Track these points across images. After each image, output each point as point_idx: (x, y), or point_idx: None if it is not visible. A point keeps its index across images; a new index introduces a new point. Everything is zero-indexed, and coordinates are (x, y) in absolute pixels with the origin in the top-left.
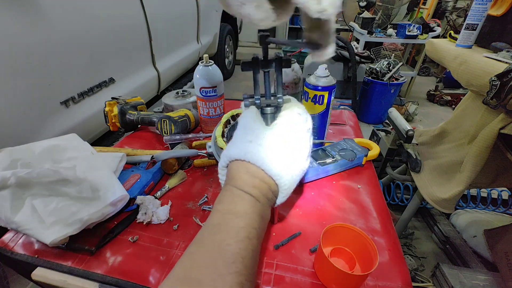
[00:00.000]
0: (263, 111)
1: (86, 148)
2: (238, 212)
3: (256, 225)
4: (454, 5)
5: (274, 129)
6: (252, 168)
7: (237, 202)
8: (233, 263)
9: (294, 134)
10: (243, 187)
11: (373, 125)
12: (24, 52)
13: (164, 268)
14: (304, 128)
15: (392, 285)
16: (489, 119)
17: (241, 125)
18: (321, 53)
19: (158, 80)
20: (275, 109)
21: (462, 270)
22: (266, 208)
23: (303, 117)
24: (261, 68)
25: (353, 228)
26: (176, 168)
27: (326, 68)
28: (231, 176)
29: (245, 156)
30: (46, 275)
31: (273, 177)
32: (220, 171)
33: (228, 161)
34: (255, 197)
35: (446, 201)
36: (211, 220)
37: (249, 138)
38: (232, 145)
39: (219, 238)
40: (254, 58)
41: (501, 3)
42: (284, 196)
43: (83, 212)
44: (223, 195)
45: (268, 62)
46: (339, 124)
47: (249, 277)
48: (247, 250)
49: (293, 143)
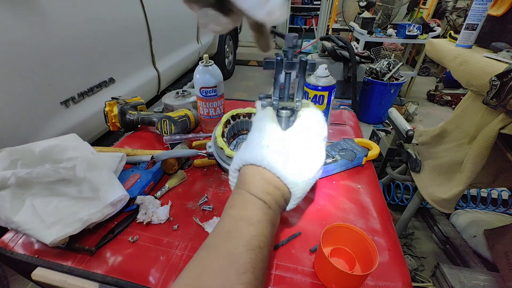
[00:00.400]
0: (279, 114)
1: (86, 148)
2: (250, 218)
3: (267, 233)
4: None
5: (293, 135)
6: (267, 174)
7: (250, 208)
8: (244, 273)
9: (312, 141)
10: (257, 192)
11: (373, 125)
12: (24, 52)
13: (164, 268)
14: (321, 136)
15: (392, 285)
16: (489, 119)
17: (257, 127)
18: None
19: (158, 80)
20: (291, 113)
21: (462, 270)
22: (277, 215)
23: (322, 124)
24: (284, 69)
25: (353, 228)
26: (176, 168)
27: (326, 68)
28: (244, 180)
29: (262, 162)
30: (46, 275)
31: (288, 185)
32: (232, 173)
33: (242, 164)
34: (268, 204)
35: (446, 201)
36: (223, 224)
37: (266, 142)
38: (247, 148)
39: (230, 245)
40: (277, 59)
41: (501, 3)
42: (294, 203)
43: (83, 212)
44: (235, 199)
45: (293, 64)
46: (339, 124)
47: (259, 287)
48: (258, 260)
49: (311, 151)
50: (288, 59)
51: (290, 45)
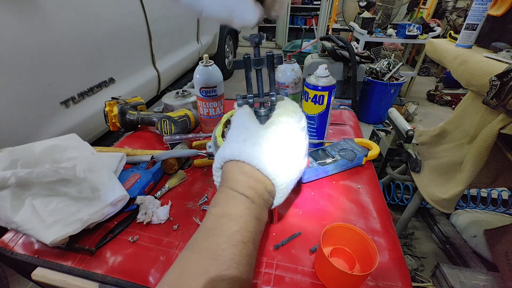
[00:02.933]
0: (257, 113)
1: (86, 148)
2: (232, 214)
3: (251, 228)
4: (454, 5)
5: (269, 128)
6: (247, 168)
7: (232, 204)
8: (227, 270)
9: (289, 132)
10: (238, 188)
11: (373, 125)
12: (24, 52)
13: (164, 268)
14: (298, 126)
15: (392, 285)
16: (489, 119)
17: (235, 124)
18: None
19: (158, 80)
20: (269, 111)
21: (462, 270)
22: (263, 209)
23: (298, 116)
24: (253, 66)
25: (353, 228)
26: (176, 168)
27: (326, 68)
28: (226, 177)
29: (240, 156)
30: (46, 275)
31: (268, 176)
32: (215, 172)
33: (222, 162)
34: (251, 198)
35: (446, 201)
36: (205, 223)
37: (243, 137)
38: (226, 145)
39: (212, 243)
40: (245, 57)
41: (501, 3)
42: (281, 196)
43: (83, 212)
44: (218, 197)
45: (260, 60)
46: (339, 124)
47: (244, 283)
48: (242, 255)
49: (289, 141)
50: (256, 56)
51: (253, 44)
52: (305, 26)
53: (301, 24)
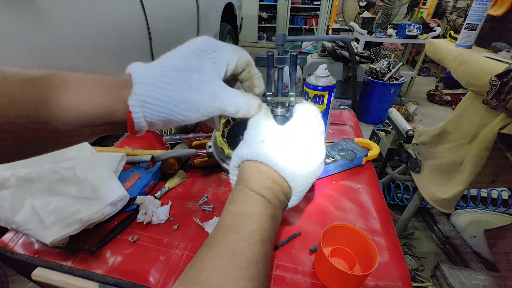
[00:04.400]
0: (274, 112)
1: (86, 148)
2: (250, 213)
3: (268, 227)
4: (454, 5)
5: (288, 129)
6: (264, 169)
7: (249, 203)
8: (247, 268)
9: (309, 136)
10: (255, 188)
11: (373, 125)
12: (24, 52)
13: (164, 268)
14: (318, 130)
15: (392, 285)
16: (489, 119)
17: (253, 123)
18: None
19: None
20: (287, 111)
21: (462, 270)
22: (278, 210)
23: (318, 119)
24: (275, 64)
25: (353, 228)
26: (176, 168)
27: (326, 68)
28: (243, 176)
29: (258, 156)
30: (46, 275)
31: (286, 178)
32: (231, 171)
33: (240, 161)
34: (267, 199)
35: (446, 201)
36: (223, 221)
37: (262, 137)
38: (244, 144)
39: (231, 241)
40: (268, 54)
41: (501, 3)
42: (296, 199)
43: (83, 212)
44: (235, 195)
45: (283, 59)
46: (339, 124)
47: (263, 282)
48: (261, 254)
49: (308, 145)
50: (279, 54)
51: (280, 43)
52: (305, 26)
53: (301, 24)
